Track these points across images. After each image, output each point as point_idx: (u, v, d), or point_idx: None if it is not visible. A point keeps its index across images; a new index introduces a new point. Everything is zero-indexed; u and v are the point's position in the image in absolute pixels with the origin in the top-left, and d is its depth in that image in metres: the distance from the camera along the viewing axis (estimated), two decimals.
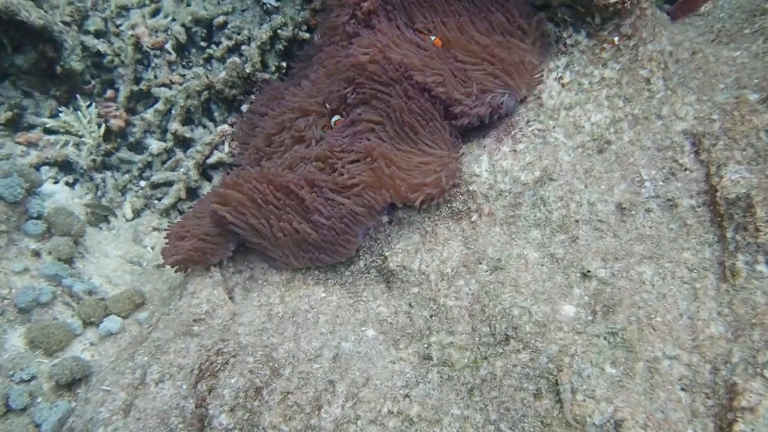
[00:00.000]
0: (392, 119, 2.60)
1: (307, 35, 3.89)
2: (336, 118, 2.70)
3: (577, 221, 2.48)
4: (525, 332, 2.29)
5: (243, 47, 3.94)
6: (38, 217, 3.17)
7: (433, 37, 2.70)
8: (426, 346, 2.43)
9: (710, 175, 2.41)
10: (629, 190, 2.50)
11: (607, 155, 2.56)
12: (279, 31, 3.87)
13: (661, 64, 2.60)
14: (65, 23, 3.88)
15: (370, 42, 2.65)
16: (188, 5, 4.14)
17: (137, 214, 3.85)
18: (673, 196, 2.45)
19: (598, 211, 2.48)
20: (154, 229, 3.68)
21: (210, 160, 3.84)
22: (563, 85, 2.67)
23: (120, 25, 4.11)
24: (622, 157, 2.55)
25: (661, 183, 2.49)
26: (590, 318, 2.29)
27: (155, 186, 3.89)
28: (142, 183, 3.95)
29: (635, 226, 2.44)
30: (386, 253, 2.63)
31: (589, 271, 2.38)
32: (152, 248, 3.59)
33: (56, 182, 3.76)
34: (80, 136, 3.83)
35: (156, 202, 3.87)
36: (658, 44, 2.61)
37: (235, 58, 3.86)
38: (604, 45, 2.61)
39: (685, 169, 2.48)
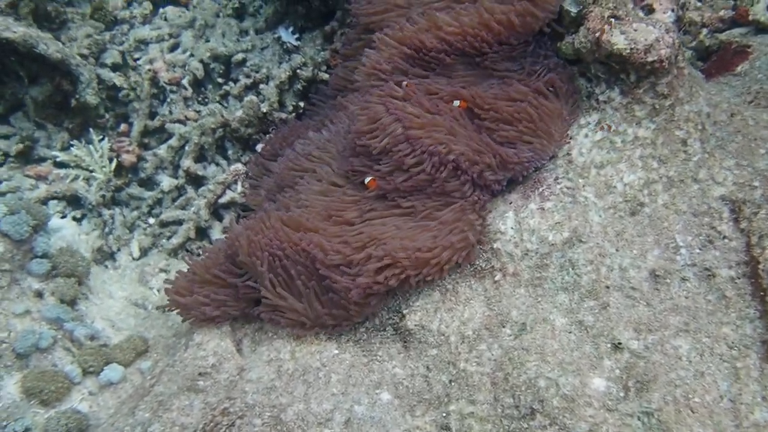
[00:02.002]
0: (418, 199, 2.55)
1: (326, 75, 3.84)
2: (369, 178, 2.60)
3: (607, 287, 2.36)
4: (552, 406, 2.15)
5: (261, 86, 3.88)
6: (43, 256, 3.07)
7: (457, 102, 2.61)
8: (444, 414, 2.29)
9: (751, 246, 2.28)
10: (663, 257, 2.38)
11: (640, 218, 2.45)
12: (298, 70, 3.82)
13: (699, 125, 2.50)
14: (82, 56, 3.84)
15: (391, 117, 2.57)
16: (207, 41, 4.10)
17: (144, 252, 3.74)
18: (711, 265, 2.33)
19: (630, 278, 2.36)
20: (161, 270, 3.57)
21: (222, 200, 3.74)
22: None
23: (137, 59, 4.06)
24: (656, 221, 2.43)
25: (697, 251, 2.36)
26: (622, 394, 2.15)
27: (164, 224, 3.79)
28: (151, 220, 3.85)
29: (670, 296, 2.31)
30: (404, 311, 2.51)
31: (620, 343, 2.24)
32: (158, 290, 3.47)
33: (63, 217, 3.66)
34: (91, 171, 3.75)
35: (164, 241, 3.77)
36: (696, 105, 2.52)
37: (253, 97, 3.80)
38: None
39: (724, 237, 2.36)
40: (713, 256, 2.35)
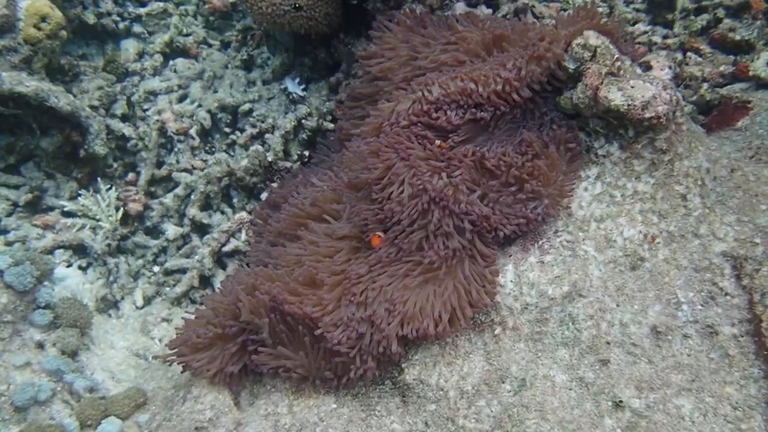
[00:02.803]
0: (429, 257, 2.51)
1: (331, 125, 3.89)
2: (372, 236, 2.60)
3: (608, 343, 2.33)
4: None
5: (267, 135, 3.94)
6: (46, 307, 3.08)
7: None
8: None
9: (754, 303, 2.25)
10: (665, 313, 2.35)
11: (641, 273, 2.43)
12: (303, 120, 3.87)
13: (698, 180, 2.50)
14: (93, 107, 3.92)
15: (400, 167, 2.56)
16: (215, 92, 4.18)
17: (148, 301, 3.75)
18: (713, 322, 2.30)
19: (631, 334, 2.33)
20: (164, 319, 3.57)
21: (226, 248, 3.76)
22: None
23: (147, 110, 4.14)
24: (657, 276, 2.41)
25: (699, 307, 2.34)
26: None
27: (168, 273, 3.80)
28: (156, 268, 3.86)
29: (672, 353, 2.28)
30: (403, 364, 2.49)
31: (621, 401, 2.21)
32: (160, 340, 3.46)
33: (69, 266, 3.69)
34: (97, 220, 3.79)
35: (168, 289, 3.78)
36: (695, 160, 2.52)
37: (258, 147, 3.85)
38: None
39: (726, 294, 2.33)
40: (715, 312, 2.32)
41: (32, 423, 2.77)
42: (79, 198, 3.82)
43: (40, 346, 3.02)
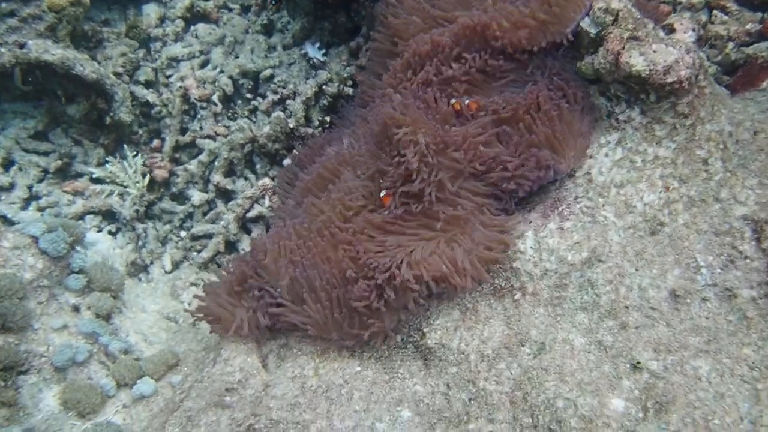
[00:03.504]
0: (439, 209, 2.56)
1: (351, 91, 3.89)
2: (383, 193, 2.63)
3: (626, 307, 2.37)
4: (570, 427, 2.17)
5: (288, 101, 3.96)
6: (80, 271, 3.19)
7: (467, 100, 2.65)
8: None
9: None
10: (684, 277, 2.37)
11: (660, 238, 2.44)
12: (324, 86, 3.88)
13: (720, 144, 2.49)
14: (117, 74, 3.97)
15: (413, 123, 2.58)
16: (236, 57, 4.19)
17: (176, 265, 3.85)
18: (732, 285, 2.32)
19: (650, 298, 2.36)
20: (192, 284, 3.67)
21: (250, 214, 3.83)
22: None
23: (170, 76, 4.18)
24: (677, 241, 2.43)
25: (718, 271, 2.35)
26: (641, 415, 2.16)
27: (195, 238, 3.89)
28: (183, 234, 3.96)
29: (690, 316, 2.31)
30: (424, 329, 2.55)
31: (639, 363, 2.25)
32: (189, 304, 3.57)
33: (99, 231, 3.80)
34: (125, 187, 3.88)
35: (195, 254, 3.87)
36: (717, 124, 2.50)
37: (280, 113, 3.87)
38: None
39: (746, 258, 2.34)
40: (734, 276, 2.33)
41: (72, 382, 2.90)
42: (107, 165, 3.90)
43: (76, 309, 3.14)
